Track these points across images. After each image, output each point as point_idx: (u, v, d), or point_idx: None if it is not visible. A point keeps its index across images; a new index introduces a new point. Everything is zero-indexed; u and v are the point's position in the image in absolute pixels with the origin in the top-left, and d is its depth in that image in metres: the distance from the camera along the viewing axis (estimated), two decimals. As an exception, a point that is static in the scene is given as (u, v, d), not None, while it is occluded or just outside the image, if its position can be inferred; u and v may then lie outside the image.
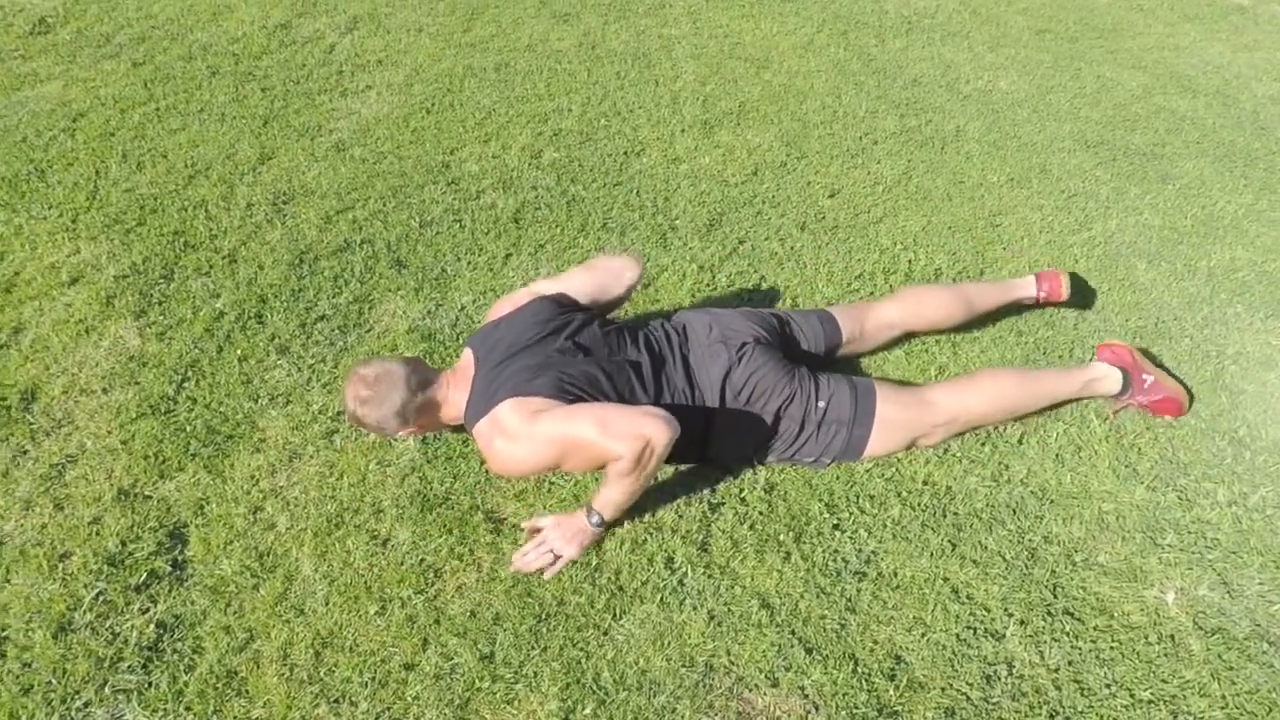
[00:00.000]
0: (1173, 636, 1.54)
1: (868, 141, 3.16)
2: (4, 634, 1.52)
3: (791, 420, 1.81)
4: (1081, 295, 2.35)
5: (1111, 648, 1.52)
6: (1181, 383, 2.07)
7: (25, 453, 1.87)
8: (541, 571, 1.65)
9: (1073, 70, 3.81)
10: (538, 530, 1.70)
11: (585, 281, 1.97)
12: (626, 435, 1.52)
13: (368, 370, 1.74)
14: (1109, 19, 4.39)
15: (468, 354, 1.84)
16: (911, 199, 2.83)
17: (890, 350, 2.16)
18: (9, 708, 1.41)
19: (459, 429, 1.81)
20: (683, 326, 1.92)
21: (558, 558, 1.66)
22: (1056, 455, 1.89)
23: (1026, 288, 2.22)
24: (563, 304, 1.88)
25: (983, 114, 3.39)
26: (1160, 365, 2.12)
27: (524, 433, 1.61)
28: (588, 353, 1.77)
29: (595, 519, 1.65)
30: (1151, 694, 1.45)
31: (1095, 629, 1.55)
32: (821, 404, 1.81)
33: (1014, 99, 3.53)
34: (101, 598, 1.58)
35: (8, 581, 1.61)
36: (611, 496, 1.62)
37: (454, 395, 1.77)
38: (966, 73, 3.76)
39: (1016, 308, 2.28)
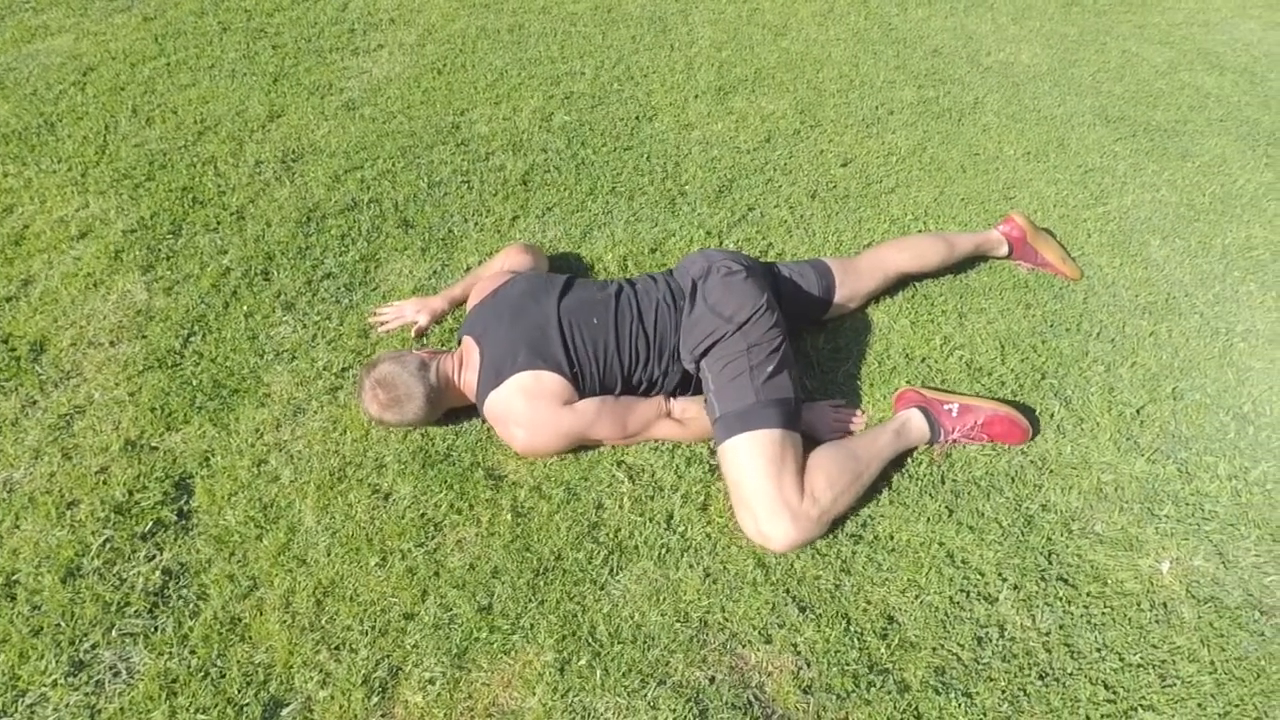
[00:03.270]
0: (1165, 604, 1.54)
1: (883, 111, 3.12)
2: (14, 577, 1.55)
3: (748, 339, 1.73)
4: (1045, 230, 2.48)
5: (1103, 613, 1.52)
6: (1013, 404, 1.89)
7: (34, 403, 1.90)
8: None
9: (1098, 44, 3.73)
10: None
11: (527, 260, 2.09)
12: (642, 429, 1.77)
13: (377, 373, 1.73)
14: (1138, -8, 4.29)
15: (467, 340, 1.83)
16: (925, 170, 2.80)
17: (895, 320, 2.15)
18: (19, 648, 1.44)
19: (473, 407, 1.82)
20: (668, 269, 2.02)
21: None
22: (1058, 427, 1.88)
23: (991, 233, 2.36)
24: (537, 274, 1.96)
25: (1003, 86, 3.33)
26: (966, 394, 1.93)
27: (539, 420, 1.69)
28: (585, 313, 1.80)
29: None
30: (1141, 658, 1.45)
31: (1088, 595, 1.55)
32: (780, 336, 1.75)
33: (1035, 72, 3.46)
34: (109, 545, 1.61)
35: (17, 527, 1.64)
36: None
37: (465, 374, 1.79)
38: (989, 44, 3.69)
39: (1023, 280, 2.30)
